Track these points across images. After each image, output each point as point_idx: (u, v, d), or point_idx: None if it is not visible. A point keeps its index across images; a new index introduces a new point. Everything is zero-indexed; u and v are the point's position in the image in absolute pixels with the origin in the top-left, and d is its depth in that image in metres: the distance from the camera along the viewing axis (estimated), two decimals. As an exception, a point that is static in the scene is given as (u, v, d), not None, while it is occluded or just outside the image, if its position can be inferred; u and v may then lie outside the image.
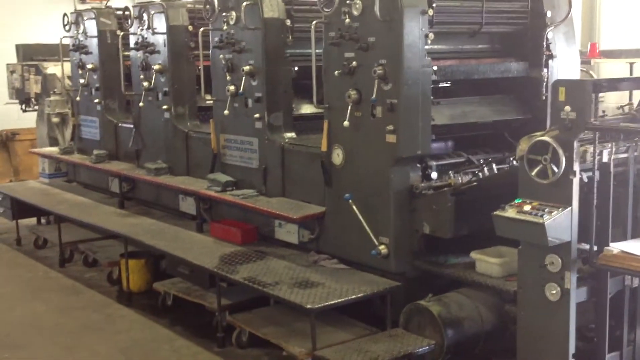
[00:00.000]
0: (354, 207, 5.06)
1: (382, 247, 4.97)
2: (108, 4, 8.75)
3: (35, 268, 7.90)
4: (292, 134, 6.10)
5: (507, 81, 5.63)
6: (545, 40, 5.50)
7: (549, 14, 5.50)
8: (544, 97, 5.47)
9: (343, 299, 4.68)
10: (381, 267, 5.06)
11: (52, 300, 6.78)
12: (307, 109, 6.57)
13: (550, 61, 5.55)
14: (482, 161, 5.19)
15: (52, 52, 11.02)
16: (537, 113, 5.56)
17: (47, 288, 7.20)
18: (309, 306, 4.56)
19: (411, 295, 4.92)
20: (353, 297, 4.72)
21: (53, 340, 5.86)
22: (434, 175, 5.07)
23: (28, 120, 12.67)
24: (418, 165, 5.01)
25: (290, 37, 6.05)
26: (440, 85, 5.29)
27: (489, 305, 4.79)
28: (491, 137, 5.60)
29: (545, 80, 5.50)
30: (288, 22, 6.01)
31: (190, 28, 7.16)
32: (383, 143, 4.90)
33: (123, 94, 8.54)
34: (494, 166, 5.09)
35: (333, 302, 4.64)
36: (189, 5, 7.26)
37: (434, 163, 5.10)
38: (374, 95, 4.83)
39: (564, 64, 5.64)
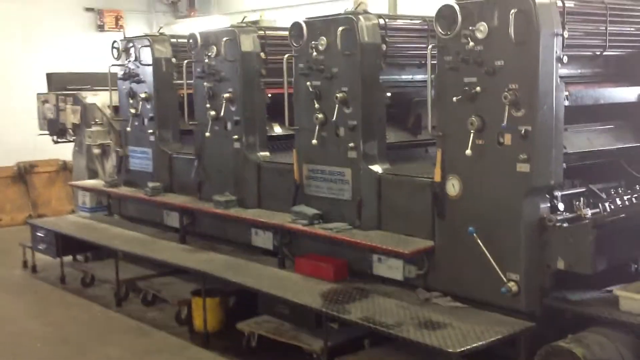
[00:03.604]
0: (479, 241, 4.75)
1: (511, 284, 4.66)
2: (161, 31, 8.47)
3: (90, 308, 7.50)
4: (387, 164, 5.80)
5: (621, 107, 5.39)
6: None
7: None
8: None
9: (484, 342, 4.34)
10: (508, 305, 4.74)
11: (123, 344, 6.38)
12: (396, 137, 6.29)
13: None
14: (613, 192, 4.92)
15: (84, 81, 10.72)
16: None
17: (111, 330, 6.80)
18: (450, 350, 4.22)
19: (540, 335, 4.62)
20: (492, 339, 4.39)
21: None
22: (561, 206, 4.78)
23: (46, 151, 12.34)
24: (547, 195, 4.72)
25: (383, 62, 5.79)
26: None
27: (629, 346, 4.49)
28: (606, 165, 5.33)
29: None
30: (383, 47, 5.75)
31: (263, 55, 6.88)
32: (513, 172, 4.61)
33: (177, 124, 8.27)
34: (625, 197, 4.81)
35: (474, 345, 4.30)
36: (260, 32, 6.97)
37: (559, 193, 4.81)
38: (505, 121, 4.55)
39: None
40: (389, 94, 5.90)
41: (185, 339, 6.46)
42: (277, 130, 7.41)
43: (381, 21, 5.79)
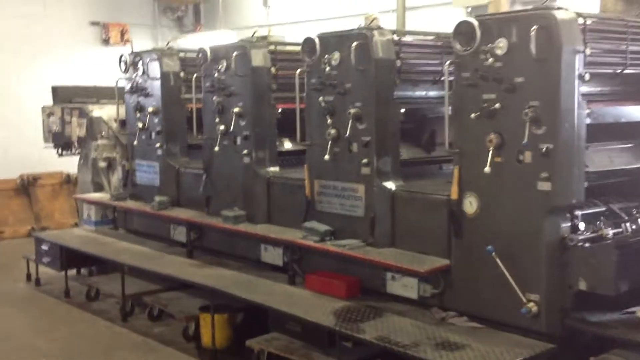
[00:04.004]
0: (498, 260, 4.66)
1: (531, 304, 4.57)
2: (169, 46, 8.42)
3: (95, 323, 7.40)
4: (400, 181, 5.73)
5: (635, 126, 5.33)
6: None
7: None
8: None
9: (505, 363, 4.25)
10: (527, 326, 4.64)
11: (131, 361, 6.29)
12: (410, 153, 6.21)
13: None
14: (635, 211, 4.84)
15: (90, 94, 10.68)
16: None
17: (117, 346, 6.70)
18: (470, 371, 4.13)
19: (558, 357, 4.53)
20: (513, 361, 4.30)
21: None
22: (582, 225, 4.70)
23: (50, 164, 12.28)
24: (568, 215, 4.64)
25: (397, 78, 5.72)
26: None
27: (651, 368, 4.40)
28: (626, 184, 5.25)
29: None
30: (398, 63, 5.69)
31: (274, 70, 6.83)
32: (533, 191, 4.53)
33: (185, 138, 8.21)
34: (646, 216, 4.74)
35: (495, 366, 4.21)
36: (271, 47, 6.92)
37: (580, 213, 4.73)
38: (526, 139, 4.48)
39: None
40: (402, 110, 5.83)
41: (193, 356, 6.36)
42: (287, 145, 7.34)
43: (395, 37, 5.73)
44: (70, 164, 11.29)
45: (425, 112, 6.36)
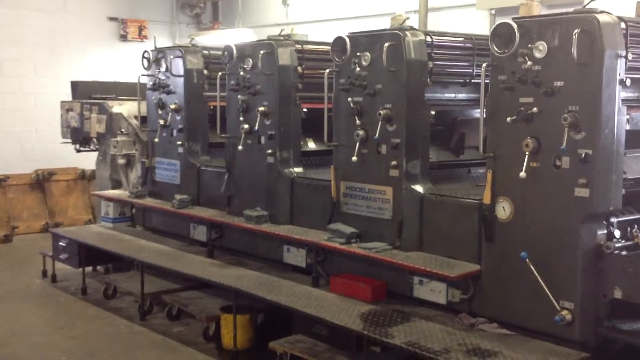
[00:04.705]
0: (532, 267, 4.58)
1: (565, 312, 4.49)
2: (193, 42, 8.36)
3: (113, 321, 7.33)
4: (429, 184, 5.65)
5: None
6: None
7: None
8: None
9: (539, 372, 4.18)
10: (560, 334, 4.57)
11: (152, 360, 6.23)
12: (438, 156, 6.14)
13: None
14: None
15: (109, 90, 10.64)
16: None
17: (137, 345, 6.63)
18: (505, 380, 4.06)
19: (593, 366, 4.46)
20: (547, 369, 4.22)
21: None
22: (617, 233, 4.61)
23: (65, 159, 12.25)
24: (604, 222, 4.56)
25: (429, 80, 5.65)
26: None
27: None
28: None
29: None
30: (430, 64, 5.61)
31: (300, 69, 6.76)
32: (570, 197, 4.46)
33: (206, 137, 8.15)
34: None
35: (530, 375, 4.13)
36: (297, 46, 6.85)
37: (615, 220, 4.65)
38: (564, 144, 4.40)
39: None
40: (432, 112, 5.76)
41: (214, 356, 6.29)
42: (311, 145, 7.28)
43: (427, 38, 5.66)
44: (85, 160, 11.26)
45: (454, 114, 6.28)
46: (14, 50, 12.81)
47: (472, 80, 5.94)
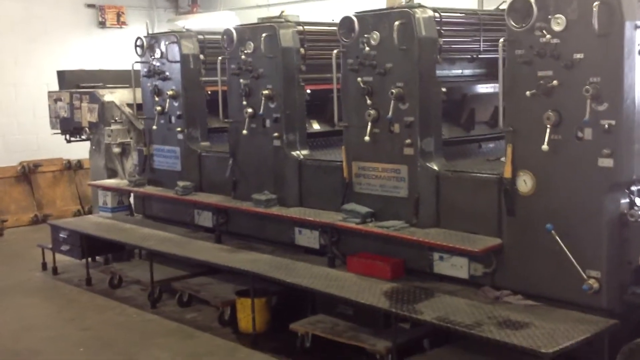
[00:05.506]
0: (558, 238, 4.65)
1: (592, 281, 4.58)
2: (186, 28, 8.28)
3: (124, 310, 7.30)
4: (443, 161, 5.69)
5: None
6: None
7: None
8: None
9: (574, 341, 4.25)
10: (587, 303, 4.65)
11: (171, 347, 6.21)
12: (449, 133, 6.18)
13: None
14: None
15: (97, 78, 10.50)
16: None
17: (152, 333, 6.62)
18: (543, 350, 4.12)
19: (620, 333, 4.55)
20: (581, 337, 4.29)
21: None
22: (638, 201, 4.70)
23: (50, 150, 12.11)
24: (626, 190, 4.64)
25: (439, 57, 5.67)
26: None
27: None
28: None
29: None
30: (440, 41, 5.63)
31: (302, 51, 6.74)
32: (594, 168, 4.53)
33: (205, 122, 8.10)
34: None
35: (566, 344, 4.20)
36: (299, 27, 6.82)
37: (636, 188, 4.73)
38: (587, 116, 4.46)
39: None
40: (444, 89, 5.79)
41: (232, 340, 6.30)
42: (316, 127, 7.28)
43: (436, 14, 5.67)
44: (70, 150, 11.11)
45: (463, 90, 6.31)
46: (-9, 41, 12.60)
47: (480, 56, 5.98)
